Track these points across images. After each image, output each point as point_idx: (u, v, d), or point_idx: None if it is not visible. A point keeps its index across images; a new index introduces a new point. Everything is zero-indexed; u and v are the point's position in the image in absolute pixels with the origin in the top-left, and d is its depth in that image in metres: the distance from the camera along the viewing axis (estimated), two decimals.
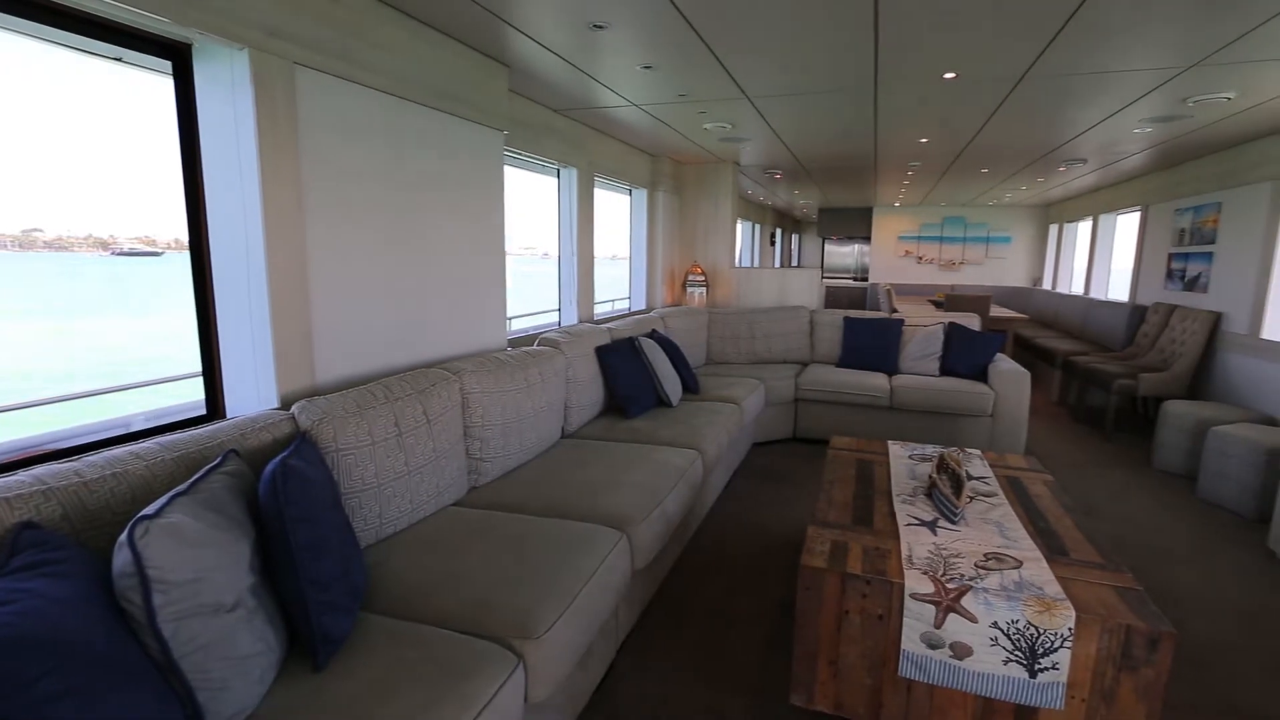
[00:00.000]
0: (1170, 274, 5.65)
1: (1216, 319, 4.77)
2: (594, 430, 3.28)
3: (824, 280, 11.50)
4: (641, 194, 5.67)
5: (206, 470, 1.40)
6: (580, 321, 4.48)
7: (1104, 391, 5.02)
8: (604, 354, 3.51)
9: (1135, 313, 5.94)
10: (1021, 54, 2.79)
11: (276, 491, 1.36)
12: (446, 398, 2.35)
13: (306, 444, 1.69)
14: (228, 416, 2.07)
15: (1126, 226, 7.04)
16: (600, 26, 2.55)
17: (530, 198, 4.38)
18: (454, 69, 2.74)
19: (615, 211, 5.62)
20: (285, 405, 2.02)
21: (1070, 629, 1.64)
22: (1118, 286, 7.14)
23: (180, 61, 1.89)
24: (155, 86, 1.92)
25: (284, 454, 1.49)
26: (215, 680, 1.16)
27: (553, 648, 1.56)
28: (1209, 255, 5.04)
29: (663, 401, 3.66)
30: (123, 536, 1.13)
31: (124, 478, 1.42)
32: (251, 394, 2.06)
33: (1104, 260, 7.55)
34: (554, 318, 4.52)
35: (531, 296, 4.52)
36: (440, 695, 1.31)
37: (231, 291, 2.01)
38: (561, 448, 2.98)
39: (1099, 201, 7.41)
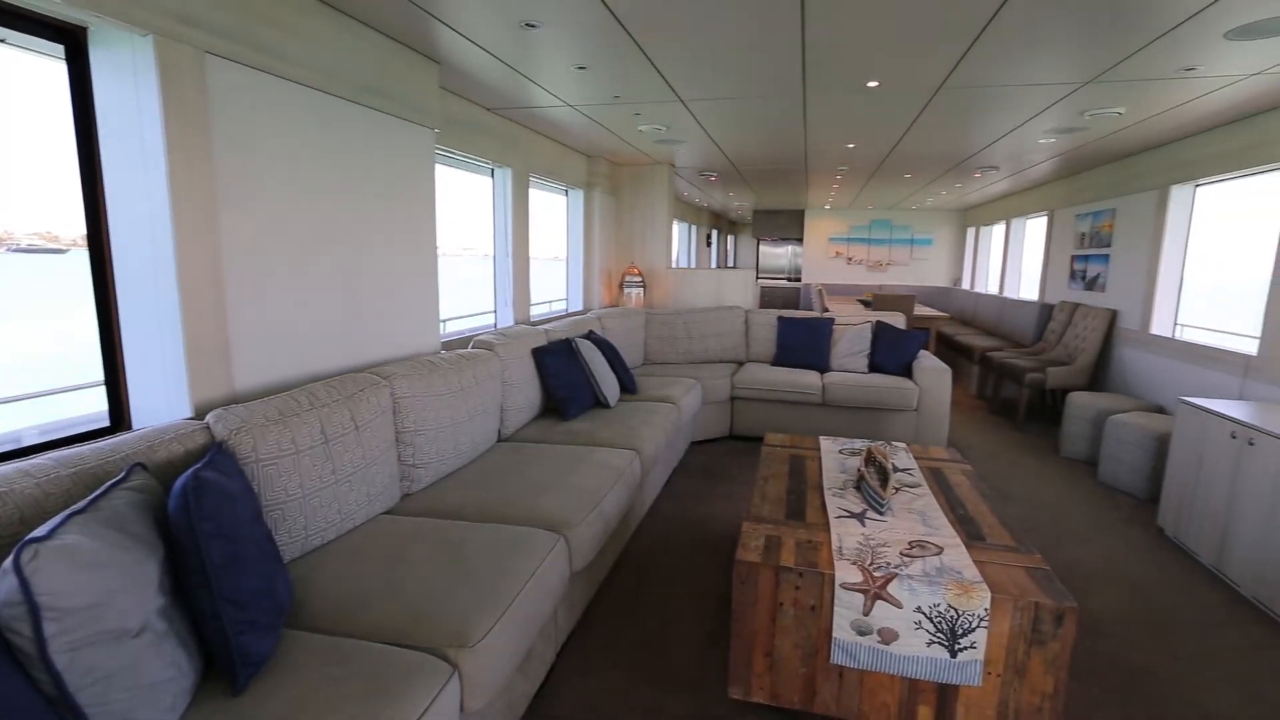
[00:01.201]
0: (1073, 274, 6.07)
1: (1113, 316, 5.17)
2: (531, 432, 3.25)
3: (759, 281, 11.81)
4: (578, 195, 5.66)
5: (108, 486, 1.31)
6: (517, 323, 4.43)
7: (1017, 385, 5.34)
8: (540, 355, 3.48)
9: (1044, 311, 6.35)
10: (938, 66, 2.94)
11: (188, 506, 1.28)
12: (376, 403, 2.27)
13: (223, 455, 1.60)
14: (134, 428, 1.94)
15: (1035, 230, 7.53)
16: (532, 25, 2.53)
17: (470, 198, 4.29)
18: (381, 64, 2.65)
19: (554, 212, 5.59)
20: (199, 415, 1.91)
21: (986, 609, 1.74)
22: (1028, 286, 7.63)
23: (74, 45, 1.75)
24: (51, 70, 1.78)
25: (196, 466, 1.40)
26: (119, 711, 1.09)
27: (489, 655, 1.54)
28: (1106, 257, 5.44)
29: (600, 402, 3.66)
30: (6, 562, 1.04)
31: (11, 497, 1.30)
32: (161, 403, 1.93)
33: (1016, 262, 8.04)
34: (490, 319, 4.45)
35: (472, 298, 4.43)
36: (369, 712, 1.26)
37: (137, 293, 1.88)
38: (498, 451, 2.93)
39: (1011, 206, 7.89)
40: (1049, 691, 1.74)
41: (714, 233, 14.66)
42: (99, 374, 1.93)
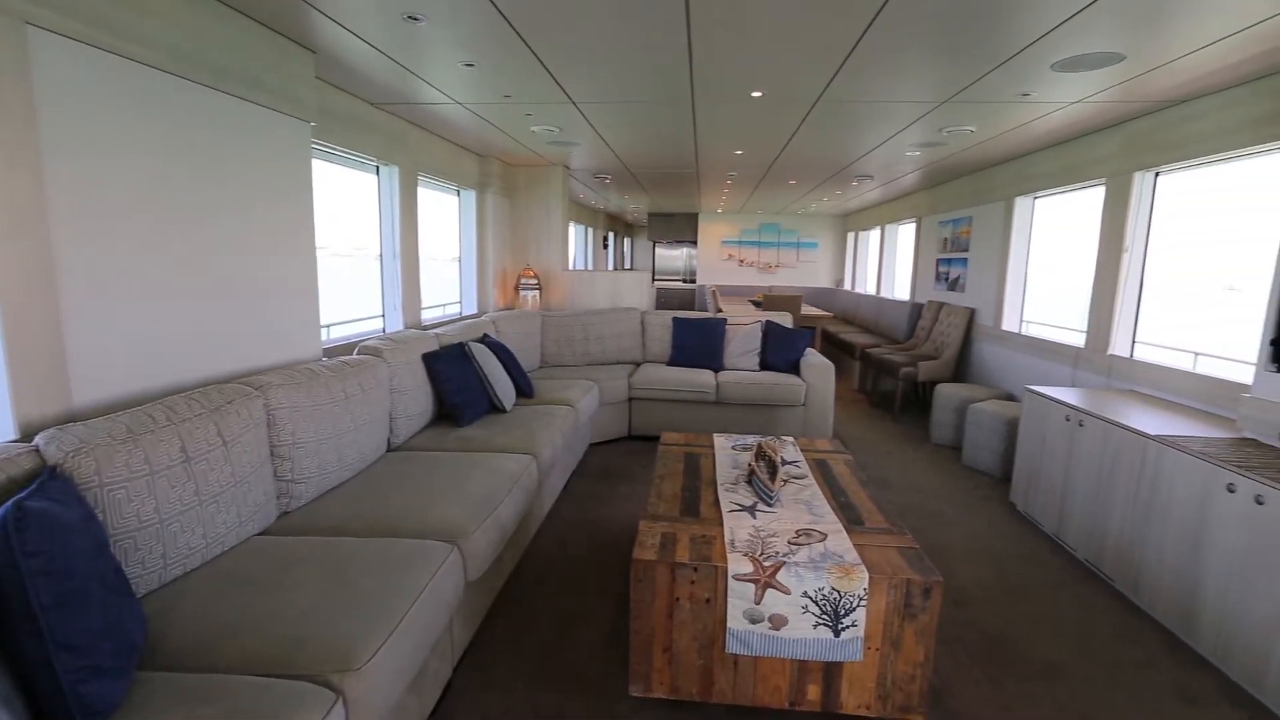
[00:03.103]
0: (938, 276, 6.64)
1: (971, 314, 5.71)
2: (423, 441, 3.13)
3: (656, 283, 12.01)
4: (470, 195, 5.51)
5: None
6: (407, 327, 4.24)
7: (893, 378, 5.77)
8: (432, 361, 3.36)
9: (914, 310, 6.90)
10: (815, 80, 3.12)
11: (9, 541, 1.13)
12: (247, 416, 2.10)
13: (56, 480, 1.42)
14: None
15: (906, 235, 8.17)
16: (415, 18, 2.43)
17: (361, 196, 4.06)
18: (248, 50, 2.45)
19: (448, 212, 5.40)
20: (26, 436, 1.68)
21: (865, 589, 1.86)
22: (901, 287, 8.26)
23: None
24: None
25: (19, 495, 1.24)
26: None
27: (377, 677, 1.47)
28: (965, 260, 6.00)
29: (496, 407, 3.59)
30: None
31: None
32: None
33: (890, 264, 8.69)
34: (379, 324, 4.23)
35: (366, 300, 4.19)
36: None
37: None
38: (387, 461, 2.80)
39: (885, 213, 8.52)
40: (920, 660, 1.90)
41: (610, 235, 14.75)
42: None
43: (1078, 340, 4.18)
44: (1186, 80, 2.90)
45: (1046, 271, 4.96)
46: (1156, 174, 3.59)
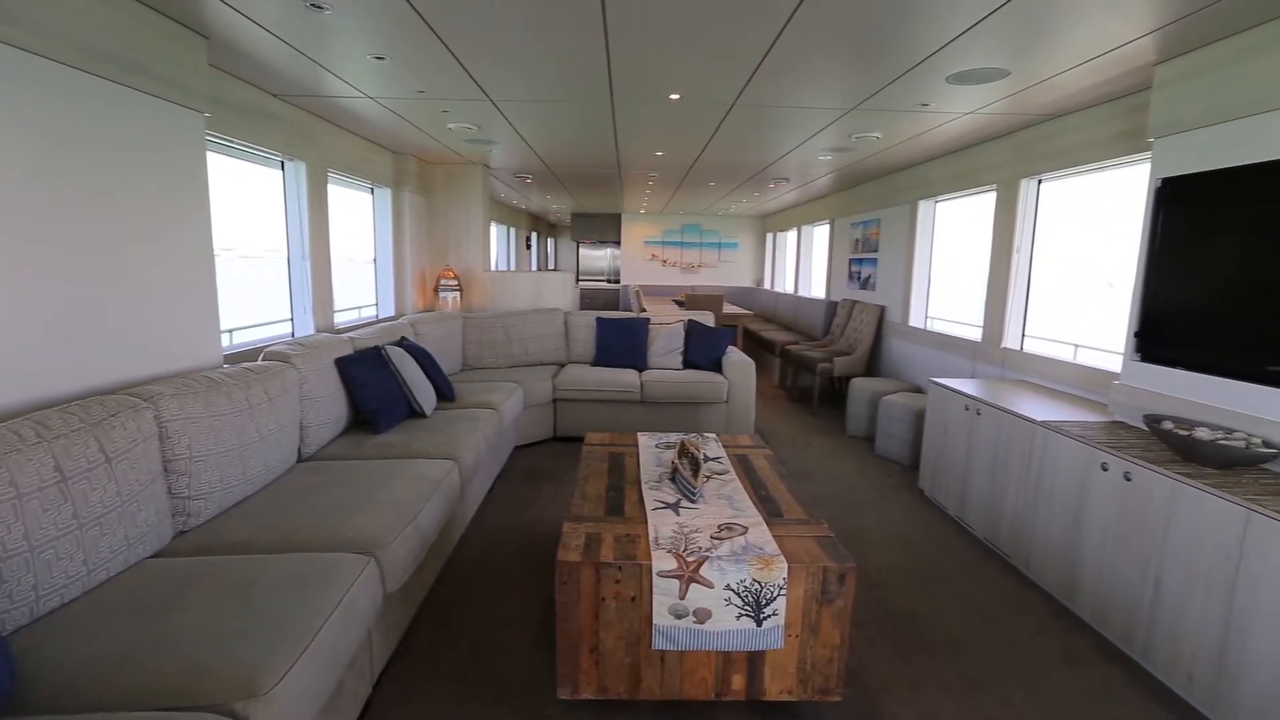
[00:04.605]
0: (851, 276, 6.96)
1: (881, 311, 6.01)
2: (337, 449, 2.99)
3: (580, 283, 11.97)
4: (385, 193, 5.31)
5: None
6: (318, 331, 4.04)
7: (811, 374, 6.00)
8: (346, 366, 3.21)
9: (830, 307, 7.19)
10: (730, 84, 3.20)
11: None
12: (135, 429, 1.94)
13: None
14: None
15: (821, 236, 8.50)
16: (319, 6, 2.32)
17: (275, 194, 3.82)
18: (131, 32, 2.26)
19: (364, 211, 5.18)
20: None
21: (784, 579, 1.93)
22: (817, 285, 8.59)
23: None
24: None
25: None
26: None
27: (286, 701, 1.39)
28: (875, 260, 6.31)
29: (416, 412, 3.47)
30: None
31: None
32: None
33: (807, 264, 9.02)
34: (287, 328, 4.01)
35: (282, 303, 3.96)
36: None
37: None
38: (298, 472, 2.65)
39: (801, 215, 8.84)
40: (836, 643, 1.98)
41: (533, 235, 14.59)
42: None
43: (976, 335, 4.48)
44: (1062, 96, 3.17)
45: (949, 270, 5.29)
46: (1039, 181, 3.90)
